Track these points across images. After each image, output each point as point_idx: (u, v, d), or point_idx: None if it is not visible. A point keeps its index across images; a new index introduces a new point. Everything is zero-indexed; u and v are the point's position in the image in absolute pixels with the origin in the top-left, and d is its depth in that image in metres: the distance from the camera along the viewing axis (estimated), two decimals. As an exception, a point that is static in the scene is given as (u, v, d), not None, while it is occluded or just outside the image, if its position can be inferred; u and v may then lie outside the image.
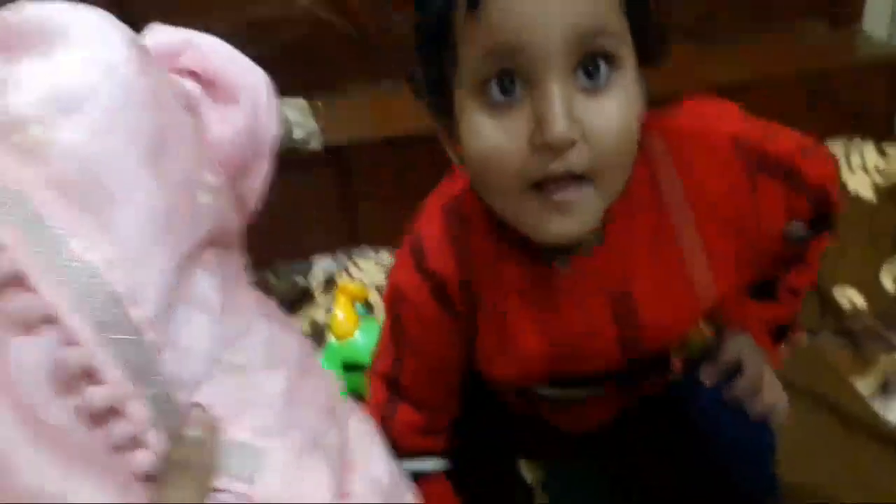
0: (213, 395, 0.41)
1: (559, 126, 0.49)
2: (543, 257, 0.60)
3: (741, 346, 0.65)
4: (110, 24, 0.39)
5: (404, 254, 0.64)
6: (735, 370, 0.64)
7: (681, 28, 1.49)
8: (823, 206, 0.65)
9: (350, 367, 1.04)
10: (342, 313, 1.07)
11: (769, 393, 0.64)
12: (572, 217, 0.52)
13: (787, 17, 1.64)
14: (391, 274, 0.67)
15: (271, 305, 0.48)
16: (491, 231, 0.61)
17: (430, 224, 0.63)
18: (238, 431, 0.42)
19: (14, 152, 0.36)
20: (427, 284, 0.63)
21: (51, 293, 0.36)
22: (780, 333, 0.70)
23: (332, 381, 0.50)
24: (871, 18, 1.67)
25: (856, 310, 1.19)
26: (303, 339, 0.49)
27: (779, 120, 1.58)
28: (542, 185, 0.52)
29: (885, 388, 1.06)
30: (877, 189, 1.43)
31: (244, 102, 0.45)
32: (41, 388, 0.36)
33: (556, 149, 0.50)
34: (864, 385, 1.06)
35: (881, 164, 1.48)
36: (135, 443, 0.39)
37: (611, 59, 0.51)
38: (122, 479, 0.38)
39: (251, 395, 0.43)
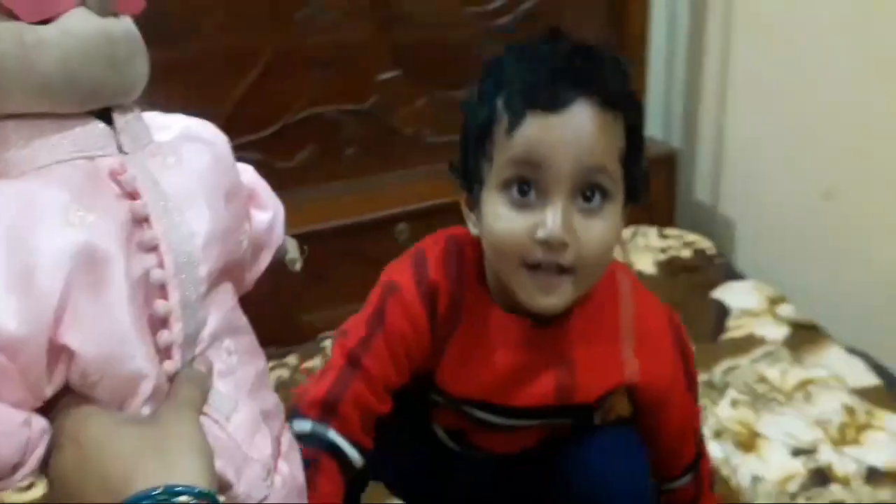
0: (211, 358, 0.60)
1: (556, 230, 0.67)
2: (519, 312, 0.77)
3: None
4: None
5: (403, 260, 0.80)
6: None
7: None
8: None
9: None
10: None
11: None
12: (554, 296, 0.70)
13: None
14: (385, 273, 0.80)
15: (251, 331, 0.68)
16: (482, 279, 0.78)
17: (434, 245, 0.80)
18: (222, 386, 0.60)
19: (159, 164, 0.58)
20: (421, 288, 0.78)
21: (162, 235, 0.55)
22: None
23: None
24: (650, 122, 1.95)
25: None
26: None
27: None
28: (535, 268, 0.69)
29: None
30: (657, 264, 1.66)
31: (269, 211, 0.70)
32: (140, 292, 0.54)
33: (551, 245, 0.68)
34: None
35: (661, 244, 1.71)
36: (168, 352, 0.56)
37: (605, 192, 0.69)
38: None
39: (234, 369, 0.61)
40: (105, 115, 0.57)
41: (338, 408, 0.76)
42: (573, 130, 0.67)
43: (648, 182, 0.75)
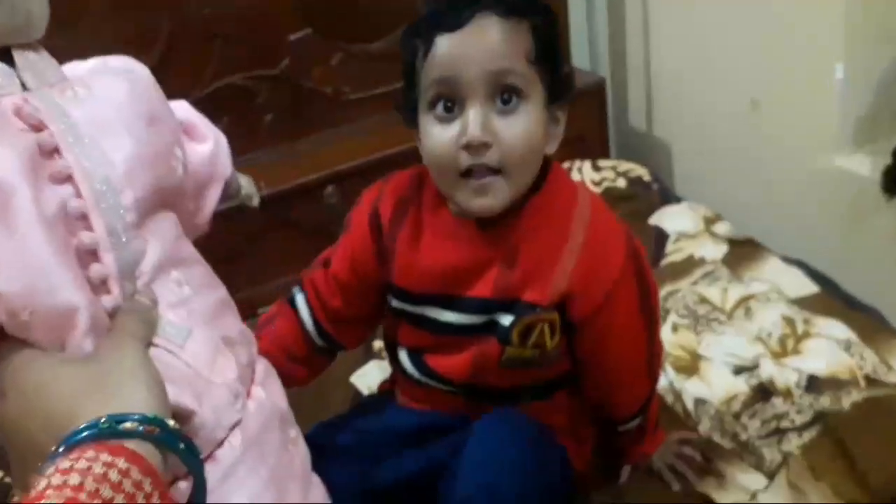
0: (158, 289, 0.59)
1: (475, 132, 0.74)
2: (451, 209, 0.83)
3: None
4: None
5: (379, 183, 0.90)
6: None
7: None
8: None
9: None
10: None
11: None
12: (488, 197, 0.76)
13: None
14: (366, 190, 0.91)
15: (204, 262, 0.68)
16: (439, 194, 0.84)
17: (400, 177, 0.89)
18: (174, 316, 0.60)
19: (68, 97, 0.58)
20: (371, 196, 0.89)
21: (75, 164, 0.55)
22: None
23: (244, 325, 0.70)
24: (575, 54, 1.93)
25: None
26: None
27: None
28: (468, 174, 0.75)
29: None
30: (593, 198, 1.64)
31: (210, 142, 0.74)
32: (59, 224, 0.53)
33: (473, 147, 0.74)
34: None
35: (596, 177, 1.69)
36: (104, 286, 0.56)
37: (519, 93, 0.75)
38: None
39: (186, 299, 0.61)
40: (7, 56, 0.57)
41: (303, 282, 0.93)
42: (476, 42, 0.74)
43: (571, 80, 0.82)
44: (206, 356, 0.61)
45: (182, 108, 0.73)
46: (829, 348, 1.16)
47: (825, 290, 1.32)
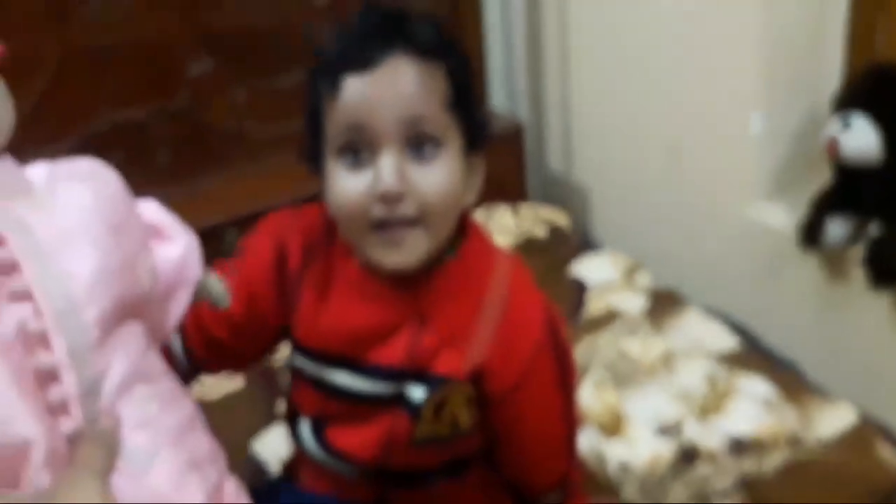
0: (123, 408, 0.56)
1: (391, 181, 0.67)
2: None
3: None
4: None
5: (288, 210, 0.82)
6: None
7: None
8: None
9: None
10: None
11: None
12: (403, 252, 0.70)
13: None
14: (272, 213, 0.82)
15: (173, 374, 0.65)
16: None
17: (312, 215, 0.79)
18: (137, 438, 0.56)
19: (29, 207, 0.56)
20: (277, 231, 0.80)
21: (35, 281, 0.52)
22: None
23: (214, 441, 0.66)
24: (493, 97, 1.89)
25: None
26: (194, 402, 0.65)
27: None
28: (381, 226, 0.69)
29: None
30: (513, 248, 1.59)
31: (179, 245, 0.69)
32: (17, 346, 0.51)
33: (387, 198, 0.68)
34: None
35: (514, 223, 1.64)
36: (64, 408, 0.53)
37: (435, 141, 0.70)
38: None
39: (153, 418, 0.58)
40: None
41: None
42: (388, 86, 0.69)
43: (486, 126, 0.77)
44: (172, 480, 0.58)
45: (150, 209, 0.70)
46: (751, 408, 1.12)
47: (746, 344, 1.29)
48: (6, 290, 0.52)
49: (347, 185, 0.70)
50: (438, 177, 0.70)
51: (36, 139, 1.45)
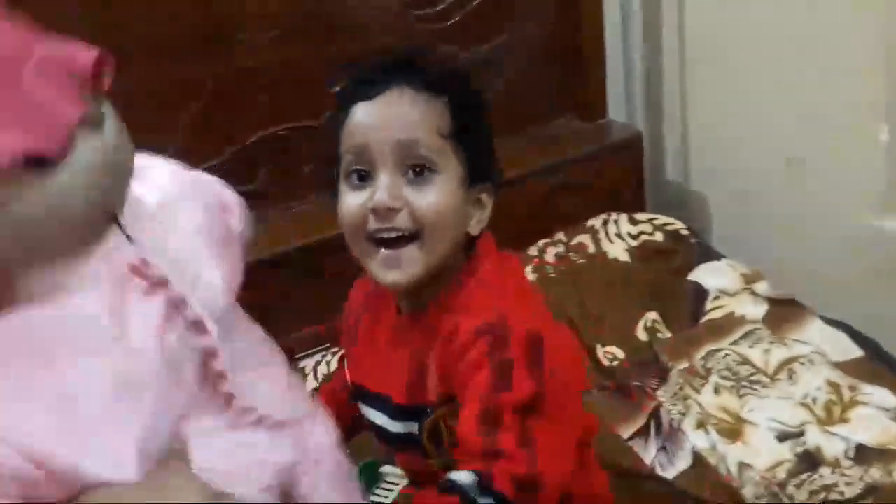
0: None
1: (383, 196, 0.73)
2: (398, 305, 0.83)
3: None
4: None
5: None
6: None
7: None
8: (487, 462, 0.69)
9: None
10: None
11: None
12: (400, 269, 0.75)
13: (542, 115, 1.87)
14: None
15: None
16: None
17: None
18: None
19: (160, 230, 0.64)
20: (349, 304, 0.91)
21: (184, 290, 0.60)
22: None
23: None
24: (612, 107, 1.93)
25: (618, 364, 1.36)
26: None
27: (544, 206, 1.76)
28: (381, 243, 0.74)
29: (647, 430, 1.22)
30: (630, 252, 1.63)
31: (237, 212, 0.74)
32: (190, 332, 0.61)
33: (381, 212, 0.73)
34: (629, 429, 1.22)
35: (633, 230, 1.68)
36: (222, 376, 0.63)
37: (431, 165, 0.75)
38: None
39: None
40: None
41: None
42: (387, 111, 0.75)
43: (488, 157, 0.81)
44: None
45: (213, 184, 0.75)
46: (876, 417, 1.13)
47: (869, 354, 1.29)
48: (167, 297, 0.60)
49: (350, 201, 0.76)
50: (433, 197, 0.74)
51: (193, 158, 1.59)
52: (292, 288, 1.50)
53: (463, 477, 0.67)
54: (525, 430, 0.69)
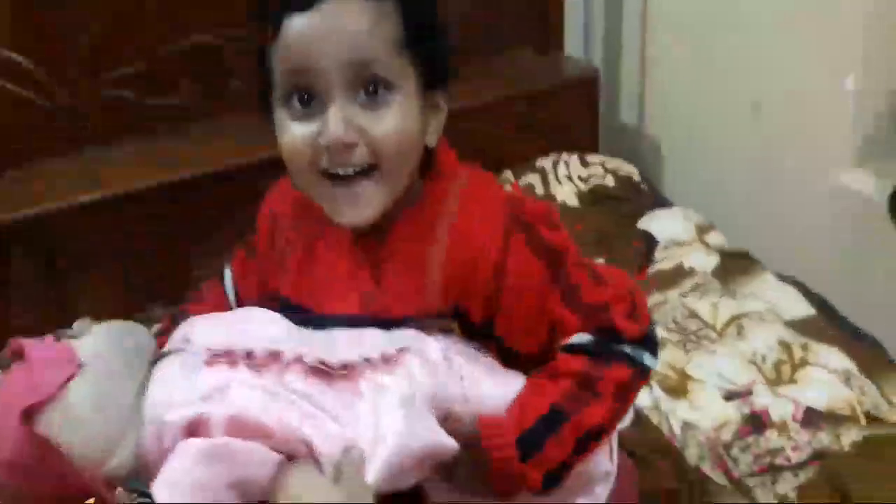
0: None
1: (336, 132, 0.63)
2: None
3: None
4: None
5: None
6: None
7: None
8: (595, 320, 0.68)
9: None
10: None
11: None
12: (360, 207, 0.66)
13: (496, 46, 1.75)
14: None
15: None
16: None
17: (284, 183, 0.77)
18: None
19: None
20: (269, 213, 0.79)
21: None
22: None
23: None
24: (571, 42, 1.82)
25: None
26: None
27: (493, 142, 1.66)
28: (336, 179, 0.65)
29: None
30: (580, 196, 1.55)
31: None
32: None
33: (334, 148, 0.64)
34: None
35: (584, 172, 1.59)
36: None
37: (387, 84, 0.65)
38: None
39: None
40: None
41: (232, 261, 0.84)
42: (331, 27, 0.64)
43: (446, 61, 0.71)
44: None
45: None
46: (828, 380, 1.08)
47: (822, 314, 1.24)
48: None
49: (294, 134, 0.65)
50: (392, 122, 0.65)
51: (106, 63, 1.45)
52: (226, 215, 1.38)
53: (579, 339, 0.68)
54: (591, 273, 0.70)
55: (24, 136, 1.37)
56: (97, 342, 0.62)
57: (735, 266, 1.35)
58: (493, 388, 0.68)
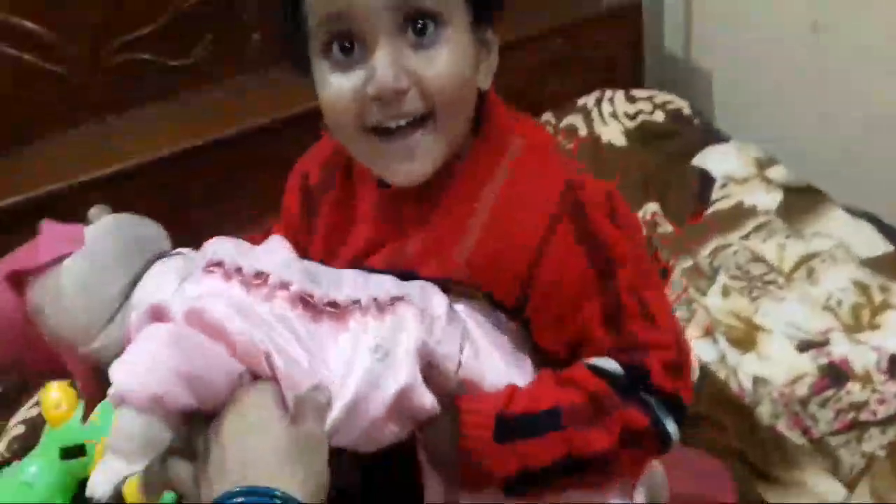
0: None
1: (386, 79, 0.57)
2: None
3: None
4: None
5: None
6: None
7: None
8: (629, 356, 0.61)
9: (72, 454, 0.91)
10: (57, 392, 0.92)
11: None
12: (416, 161, 0.60)
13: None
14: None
15: None
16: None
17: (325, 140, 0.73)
18: None
19: None
20: (299, 182, 0.73)
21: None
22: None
23: None
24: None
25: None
26: None
27: (531, 81, 1.57)
28: (386, 132, 0.59)
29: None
30: (627, 134, 1.45)
31: None
32: None
33: (385, 99, 0.58)
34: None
35: (630, 109, 1.49)
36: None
37: (436, 18, 0.58)
38: None
39: None
40: None
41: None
42: None
43: None
44: None
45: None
46: (913, 322, 0.99)
47: (900, 249, 1.14)
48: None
49: (337, 86, 0.59)
50: (446, 62, 0.59)
51: (121, 24, 1.39)
52: (238, 179, 1.32)
53: (607, 364, 0.60)
54: (643, 306, 0.62)
55: (38, 108, 1.32)
56: (102, 227, 0.62)
57: (801, 202, 1.25)
58: (497, 361, 0.61)
